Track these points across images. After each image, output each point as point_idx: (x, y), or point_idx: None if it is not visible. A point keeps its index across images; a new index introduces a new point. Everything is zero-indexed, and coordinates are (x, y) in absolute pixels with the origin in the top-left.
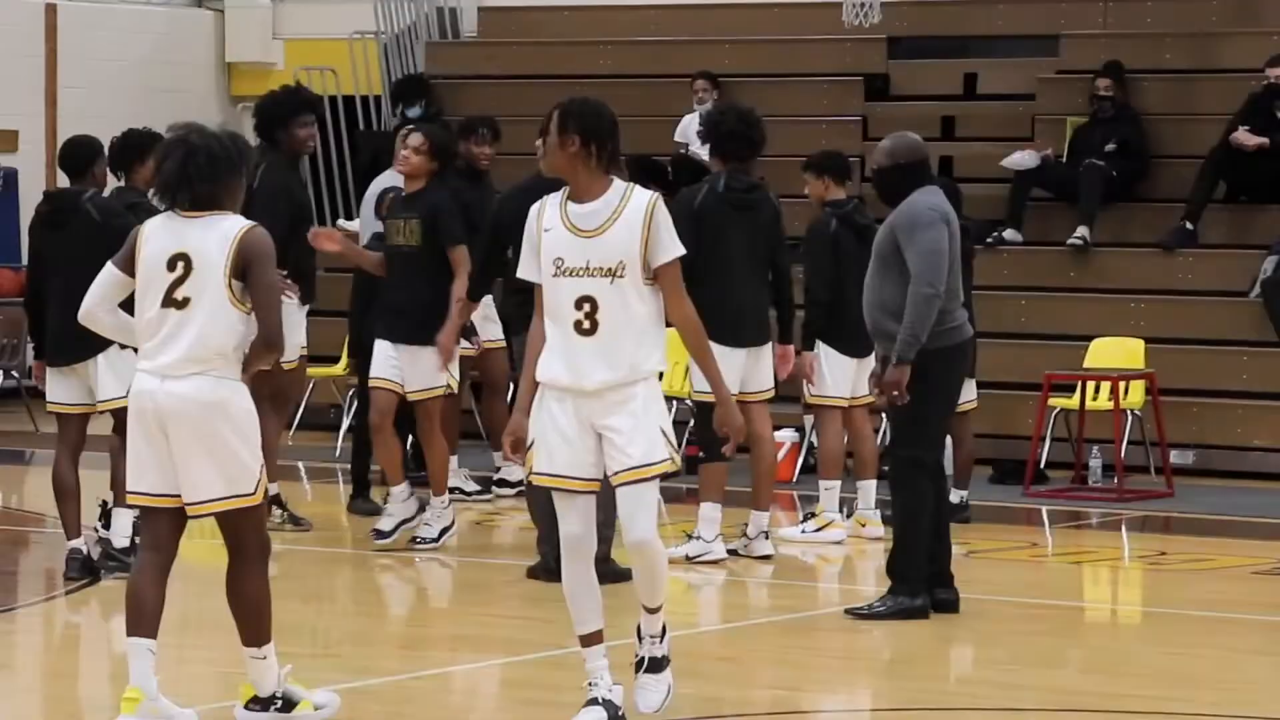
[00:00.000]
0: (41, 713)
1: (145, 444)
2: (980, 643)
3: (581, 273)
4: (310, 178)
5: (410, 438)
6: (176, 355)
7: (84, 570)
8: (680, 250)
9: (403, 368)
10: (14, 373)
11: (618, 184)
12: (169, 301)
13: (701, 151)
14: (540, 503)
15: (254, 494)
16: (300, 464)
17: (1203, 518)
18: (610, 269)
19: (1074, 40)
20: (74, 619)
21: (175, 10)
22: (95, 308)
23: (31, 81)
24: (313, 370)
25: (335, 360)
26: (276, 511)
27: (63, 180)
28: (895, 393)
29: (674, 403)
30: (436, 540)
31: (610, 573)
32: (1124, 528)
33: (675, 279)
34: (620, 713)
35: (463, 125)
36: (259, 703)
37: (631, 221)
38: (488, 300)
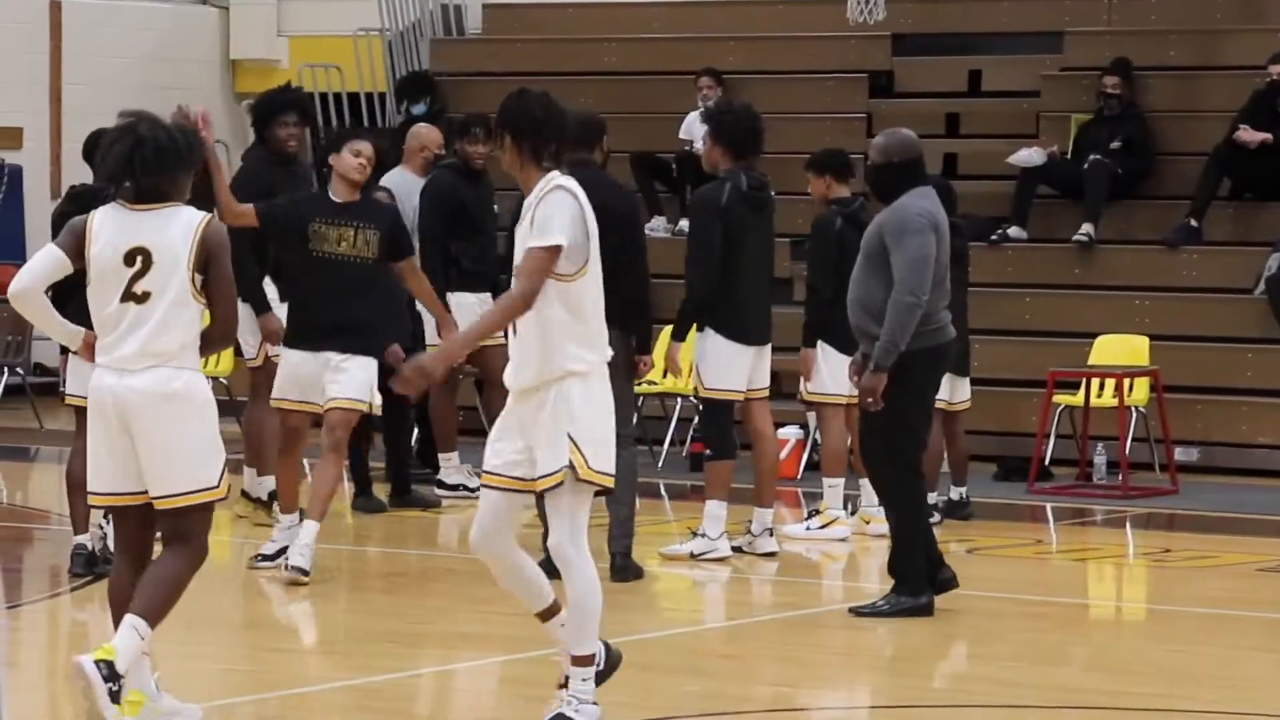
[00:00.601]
0: (46, 710)
1: (104, 441)
2: (983, 640)
3: (515, 271)
4: (315, 175)
5: (416, 432)
6: (135, 349)
7: (88, 566)
8: (545, 240)
9: (331, 378)
10: (18, 369)
11: (545, 178)
12: (128, 296)
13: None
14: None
15: (217, 486)
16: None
17: (1207, 515)
18: (519, 266)
19: (1078, 37)
20: (79, 616)
21: (180, 7)
22: (32, 288)
23: (36, 78)
24: None
25: None
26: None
27: (69, 176)
28: (870, 400)
29: (679, 399)
30: (274, 558)
31: (628, 569)
32: (1128, 525)
33: (532, 261)
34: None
35: (458, 124)
36: (109, 668)
37: (528, 218)
38: (485, 297)
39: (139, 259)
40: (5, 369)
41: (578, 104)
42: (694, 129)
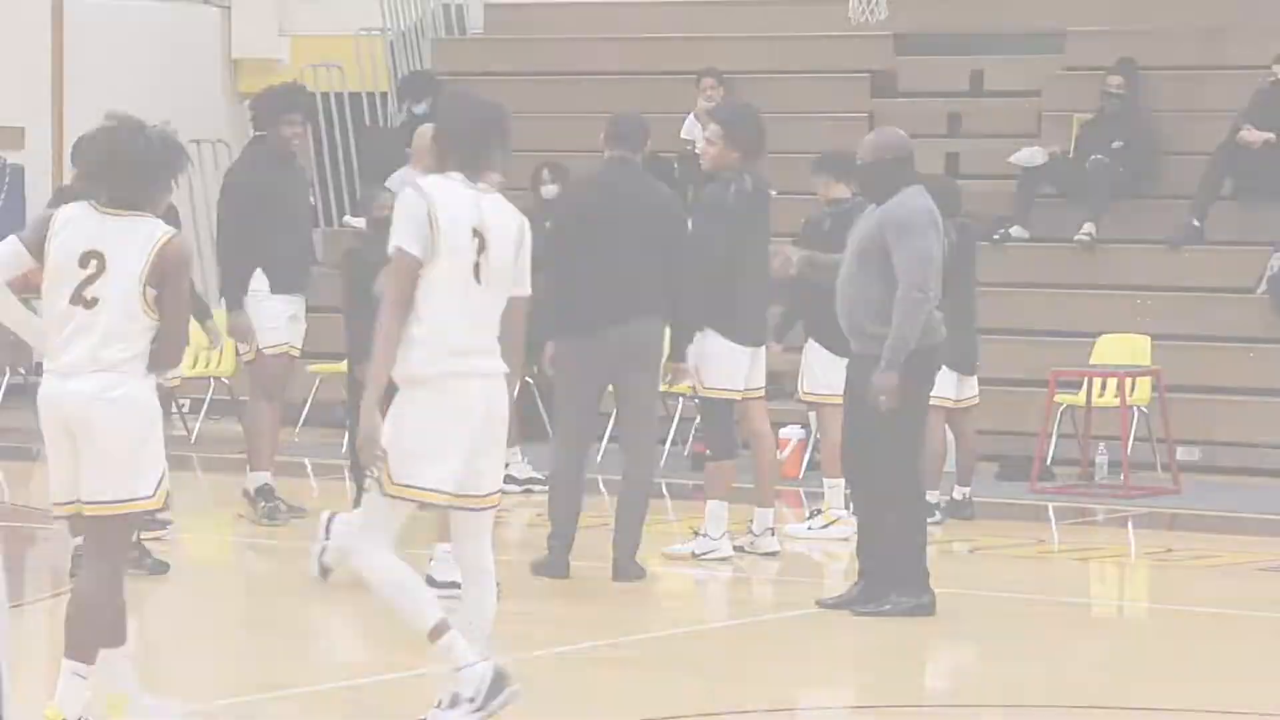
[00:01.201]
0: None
1: (53, 451)
2: (985, 639)
3: None
4: (316, 174)
5: None
6: (80, 354)
7: None
8: (392, 241)
9: None
10: (20, 369)
11: None
12: (78, 299)
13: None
14: (559, 499)
15: (153, 497)
16: (306, 460)
17: (1209, 514)
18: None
19: (1080, 37)
20: None
21: (181, 6)
22: None
23: (38, 78)
24: (319, 367)
25: (342, 357)
26: (262, 504)
27: (71, 176)
28: (884, 398)
29: (680, 399)
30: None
31: (630, 570)
32: (1130, 524)
33: (392, 263)
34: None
35: None
36: None
37: None
38: None
39: (93, 262)
40: (7, 369)
41: (579, 104)
42: (695, 129)
